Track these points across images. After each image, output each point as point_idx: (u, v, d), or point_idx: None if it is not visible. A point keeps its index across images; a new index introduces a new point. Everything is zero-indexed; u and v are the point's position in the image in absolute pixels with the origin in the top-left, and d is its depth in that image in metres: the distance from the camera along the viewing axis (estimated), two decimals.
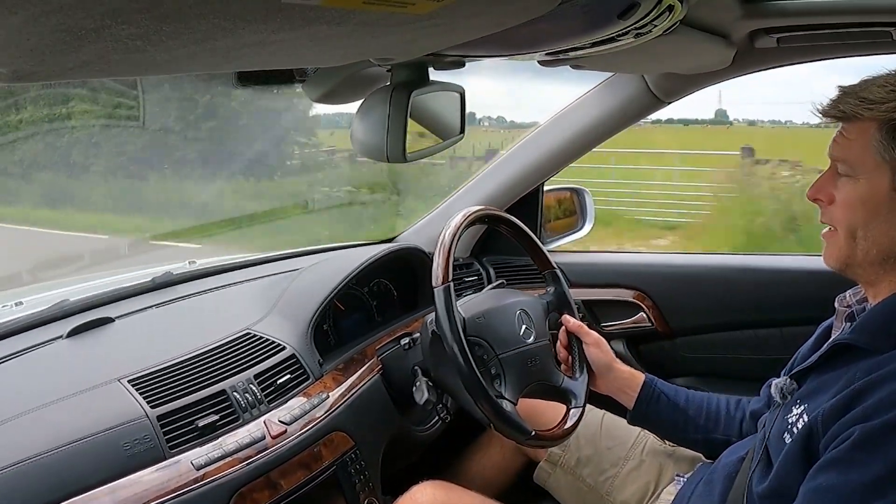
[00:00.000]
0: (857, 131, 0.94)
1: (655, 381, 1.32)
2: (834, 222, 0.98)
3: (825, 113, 0.97)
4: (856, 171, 0.94)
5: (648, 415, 1.30)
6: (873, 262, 0.95)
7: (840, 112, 0.95)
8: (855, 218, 0.95)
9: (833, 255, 0.99)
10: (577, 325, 1.36)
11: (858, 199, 0.94)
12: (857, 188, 0.94)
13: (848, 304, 1.04)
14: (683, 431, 1.29)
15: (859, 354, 0.93)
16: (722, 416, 1.28)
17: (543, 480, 1.44)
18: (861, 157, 0.94)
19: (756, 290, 1.72)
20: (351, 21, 0.52)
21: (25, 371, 1.10)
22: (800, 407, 0.96)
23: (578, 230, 1.97)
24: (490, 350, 1.23)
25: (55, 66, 0.49)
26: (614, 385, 1.33)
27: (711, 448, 1.29)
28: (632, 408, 1.31)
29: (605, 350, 1.33)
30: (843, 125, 0.96)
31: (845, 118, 0.95)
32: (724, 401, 1.31)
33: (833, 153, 0.98)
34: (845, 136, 0.96)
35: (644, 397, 1.29)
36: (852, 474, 0.83)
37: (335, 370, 1.29)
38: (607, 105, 1.64)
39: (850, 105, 0.93)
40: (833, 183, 0.98)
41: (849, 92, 0.95)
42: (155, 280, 1.42)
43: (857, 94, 0.93)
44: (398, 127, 0.92)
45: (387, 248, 1.57)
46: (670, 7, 0.83)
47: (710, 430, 1.28)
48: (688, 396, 1.31)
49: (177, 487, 0.95)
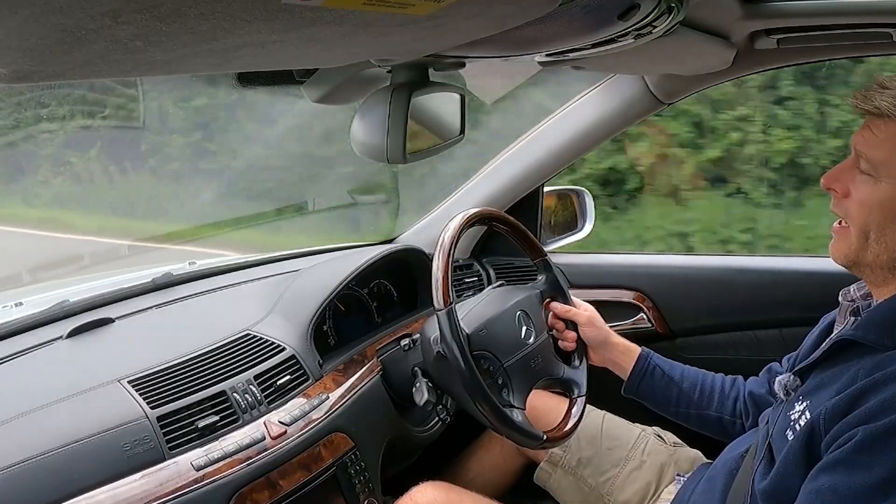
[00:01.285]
0: (888, 131, 0.91)
1: (651, 355, 1.33)
2: (847, 217, 0.96)
3: (859, 105, 0.93)
4: (878, 172, 0.91)
5: (641, 387, 1.32)
6: (882, 266, 0.94)
7: (875, 108, 0.91)
8: (870, 219, 0.92)
9: (841, 252, 0.97)
10: (564, 311, 1.37)
11: (877, 202, 0.91)
12: (876, 190, 0.91)
13: (852, 299, 1.03)
14: (676, 405, 1.31)
15: (863, 351, 0.92)
16: (716, 393, 1.29)
17: (544, 481, 1.44)
18: (888, 160, 0.90)
19: (756, 290, 1.72)
20: (351, 22, 0.52)
21: (25, 372, 1.10)
22: (802, 403, 0.96)
23: (578, 231, 1.97)
24: (496, 361, 1.24)
25: (55, 66, 0.49)
26: (609, 357, 1.35)
27: (704, 425, 1.30)
28: (626, 380, 1.32)
29: (598, 325, 1.35)
30: (874, 119, 0.93)
31: (879, 115, 0.91)
32: (720, 379, 1.32)
33: (858, 146, 0.94)
34: (874, 133, 0.92)
35: (638, 370, 1.31)
36: (855, 476, 0.83)
37: (335, 371, 1.29)
38: (607, 106, 1.64)
39: (887, 103, 0.90)
40: (852, 176, 0.95)
41: (888, 87, 0.91)
42: (155, 281, 1.42)
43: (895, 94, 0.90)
44: (398, 127, 0.92)
45: (387, 248, 1.57)
46: (670, 8, 0.83)
47: (702, 407, 1.29)
48: (683, 372, 1.33)
49: (177, 488, 0.95)
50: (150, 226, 4.33)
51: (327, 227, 3.37)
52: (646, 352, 1.34)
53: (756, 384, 1.27)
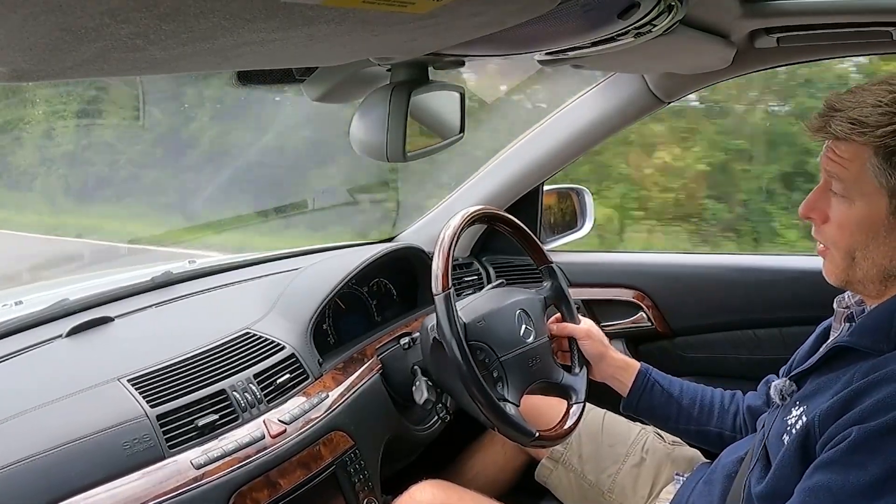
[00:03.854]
0: (851, 153, 0.89)
1: (650, 371, 1.33)
2: (829, 243, 0.95)
3: (815, 131, 0.92)
4: (851, 194, 0.90)
5: (641, 403, 1.31)
6: (874, 279, 0.94)
7: (830, 133, 0.90)
8: (852, 241, 0.92)
9: (833, 273, 0.97)
10: (562, 328, 1.37)
11: (855, 223, 0.91)
12: (852, 211, 0.91)
13: (847, 306, 1.03)
14: (676, 422, 1.30)
15: (859, 356, 0.93)
16: (716, 409, 1.29)
17: (545, 478, 1.44)
18: (857, 181, 0.89)
19: (756, 290, 1.72)
20: (350, 20, 0.52)
21: (25, 370, 1.10)
22: (799, 408, 0.96)
23: (578, 230, 1.97)
24: (492, 353, 1.23)
25: (55, 64, 0.49)
26: (608, 373, 1.34)
27: (704, 440, 1.30)
28: (625, 396, 1.32)
29: (596, 340, 1.34)
30: (835, 141, 0.91)
31: (836, 139, 0.90)
32: (719, 394, 1.31)
33: (828, 168, 0.93)
34: (839, 155, 0.91)
35: (637, 386, 1.31)
36: (849, 476, 0.83)
37: (335, 370, 1.29)
38: (607, 105, 1.64)
39: (842, 128, 0.88)
40: (826, 200, 0.94)
41: (839, 109, 0.89)
42: (154, 279, 1.42)
43: (848, 116, 0.88)
44: (398, 126, 0.92)
45: (386, 247, 1.57)
46: (670, 7, 0.83)
47: (702, 423, 1.29)
48: (682, 387, 1.32)
49: (176, 487, 0.94)
50: (150, 225, 4.33)
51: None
52: (645, 367, 1.33)
53: (755, 398, 1.26)
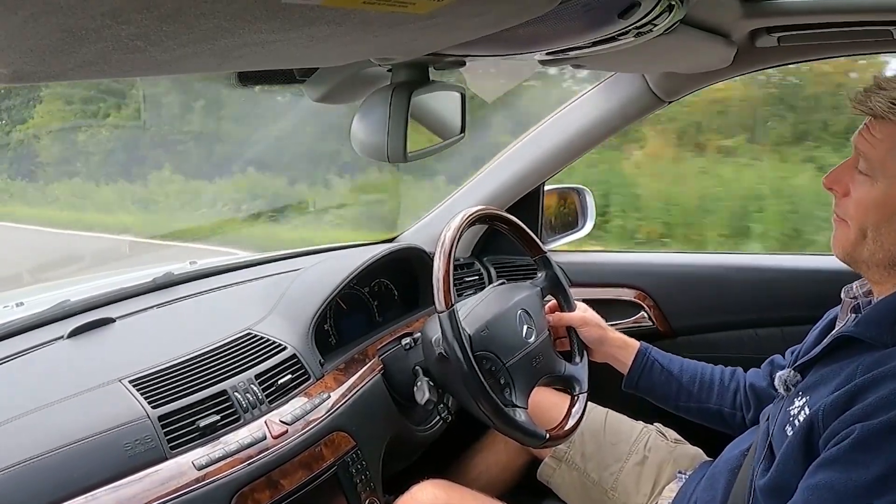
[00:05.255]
0: (884, 133, 0.91)
1: (650, 350, 1.35)
2: (845, 216, 0.96)
3: (856, 102, 0.93)
4: (875, 173, 0.92)
5: (641, 382, 1.33)
6: (878, 263, 0.94)
7: (869, 109, 0.91)
8: (867, 218, 0.93)
9: (840, 245, 0.98)
10: (558, 318, 1.39)
11: (873, 202, 0.92)
12: (872, 190, 0.92)
13: (854, 296, 1.03)
14: (676, 399, 1.32)
15: (862, 348, 0.93)
16: (716, 385, 1.30)
17: (548, 476, 1.44)
18: (883, 160, 0.91)
19: (756, 289, 1.72)
20: (351, 21, 0.52)
21: (26, 372, 1.10)
22: (802, 399, 0.96)
23: (579, 230, 1.97)
24: (497, 361, 1.24)
25: (55, 66, 0.49)
26: (608, 354, 1.37)
27: (705, 417, 1.32)
28: (625, 375, 1.33)
29: (593, 325, 1.37)
30: (872, 120, 0.93)
31: (874, 115, 0.92)
32: (719, 371, 1.33)
33: (858, 145, 0.95)
34: (872, 134, 0.92)
35: (637, 365, 1.33)
36: (852, 473, 0.83)
37: (336, 370, 1.29)
38: (608, 105, 1.64)
39: (881, 105, 0.90)
40: (851, 175, 0.96)
41: (884, 88, 0.91)
42: (156, 280, 1.42)
43: (890, 96, 0.90)
44: (399, 127, 0.92)
45: (387, 247, 1.57)
46: (671, 6, 0.83)
47: (702, 400, 1.30)
48: (682, 365, 1.34)
49: (178, 488, 0.94)
50: (151, 224, 4.33)
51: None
52: (644, 346, 1.36)
53: (757, 376, 1.28)
